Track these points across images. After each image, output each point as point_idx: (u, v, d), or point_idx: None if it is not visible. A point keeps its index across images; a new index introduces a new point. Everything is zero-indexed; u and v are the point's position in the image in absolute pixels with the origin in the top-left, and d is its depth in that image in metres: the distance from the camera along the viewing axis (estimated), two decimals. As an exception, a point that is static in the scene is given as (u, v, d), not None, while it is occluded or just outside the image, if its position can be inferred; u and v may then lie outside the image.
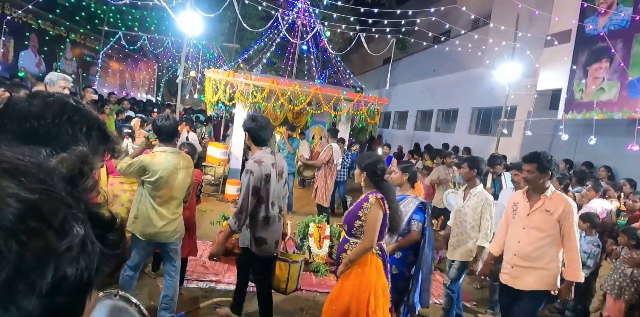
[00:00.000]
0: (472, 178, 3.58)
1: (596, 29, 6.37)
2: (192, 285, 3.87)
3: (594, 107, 6.17)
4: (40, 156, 0.39)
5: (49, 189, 0.35)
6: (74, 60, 11.78)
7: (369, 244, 2.57)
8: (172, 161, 2.82)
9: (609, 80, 6.13)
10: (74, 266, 0.34)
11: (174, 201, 2.90)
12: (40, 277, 0.32)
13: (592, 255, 4.11)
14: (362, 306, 2.53)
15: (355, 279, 2.59)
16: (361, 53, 21.79)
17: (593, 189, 4.71)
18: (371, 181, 2.71)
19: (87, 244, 0.36)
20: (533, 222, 2.85)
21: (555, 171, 2.87)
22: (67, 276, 0.34)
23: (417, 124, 15.19)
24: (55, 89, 3.86)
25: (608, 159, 6.35)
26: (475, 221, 3.49)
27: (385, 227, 2.69)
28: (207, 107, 8.12)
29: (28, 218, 0.32)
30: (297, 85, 7.74)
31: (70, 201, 0.36)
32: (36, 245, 0.32)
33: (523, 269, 2.85)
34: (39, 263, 0.32)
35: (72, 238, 0.34)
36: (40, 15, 9.86)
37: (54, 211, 0.34)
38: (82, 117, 0.88)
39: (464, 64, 11.51)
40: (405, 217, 3.09)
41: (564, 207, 2.75)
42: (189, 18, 6.21)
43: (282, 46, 11.93)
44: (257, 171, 2.72)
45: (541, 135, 7.97)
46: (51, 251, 0.33)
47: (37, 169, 0.36)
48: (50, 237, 0.33)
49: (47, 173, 0.37)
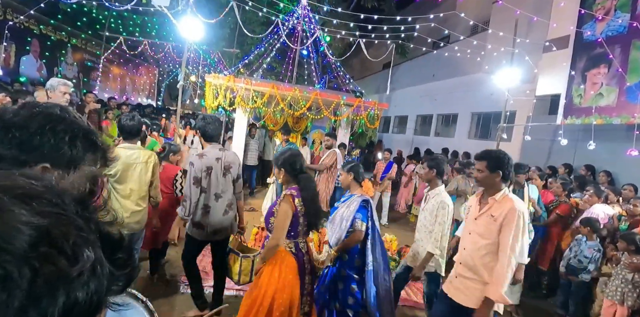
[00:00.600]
0: (433, 179, 3.40)
1: (594, 35, 6.42)
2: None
3: (592, 112, 6.20)
4: (52, 178, 0.40)
5: (60, 213, 0.36)
6: (75, 65, 11.83)
7: (274, 242, 2.53)
8: (130, 156, 3.07)
9: (607, 85, 6.16)
10: (84, 291, 0.35)
11: (134, 193, 3.10)
12: (51, 303, 0.32)
13: (593, 260, 4.11)
14: (265, 304, 2.51)
15: (264, 276, 2.59)
16: (361, 58, 21.88)
17: (595, 194, 4.70)
18: (290, 176, 2.69)
19: (97, 267, 0.36)
20: (478, 228, 2.54)
21: (508, 171, 2.51)
22: (79, 301, 0.34)
23: (417, 128, 15.22)
24: (56, 94, 3.88)
25: (607, 164, 6.36)
26: (432, 225, 3.25)
27: (297, 225, 2.63)
28: (208, 111, 8.13)
29: (40, 244, 0.33)
30: (297, 91, 7.76)
31: (81, 224, 0.37)
32: (48, 271, 0.32)
33: (466, 281, 2.55)
34: (50, 289, 0.32)
35: (83, 264, 0.35)
36: (42, 21, 9.91)
37: (65, 235, 0.35)
38: (66, 126, 0.89)
39: (463, 69, 11.57)
40: (350, 217, 3.04)
41: (507, 212, 2.39)
42: (189, 24, 6.25)
43: (282, 51, 11.99)
44: (197, 163, 3.05)
45: (540, 140, 7.99)
46: (63, 277, 0.33)
47: (49, 192, 0.37)
48: (62, 263, 0.33)
49: (59, 195, 0.37)
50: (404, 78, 15.60)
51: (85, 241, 0.36)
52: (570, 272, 4.28)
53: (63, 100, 3.93)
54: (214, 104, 7.65)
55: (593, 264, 4.11)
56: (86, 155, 0.91)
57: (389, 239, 4.97)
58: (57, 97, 3.90)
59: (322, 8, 10.66)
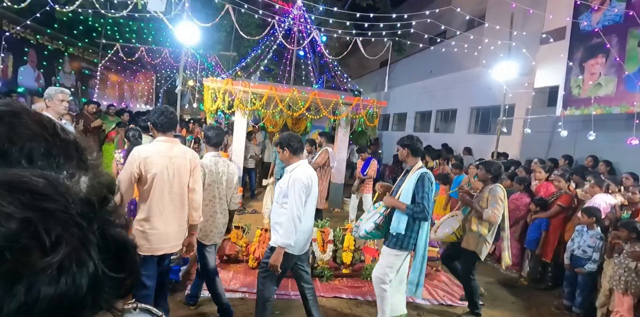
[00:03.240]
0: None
1: (590, 25, 6.41)
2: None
3: (592, 103, 6.19)
4: (59, 177, 0.39)
5: (55, 209, 0.35)
6: (73, 73, 11.85)
7: None
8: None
9: (605, 75, 6.15)
10: (54, 286, 0.33)
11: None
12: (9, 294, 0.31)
13: (596, 248, 4.11)
14: None
15: None
16: (358, 57, 21.88)
17: (596, 184, 4.70)
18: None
19: (72, 263, 0.34)
20: None
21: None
22: (47, 295, 0.32)
23: (416, 125, 15.20)
24: (54, 103, 3.89)
25: (608, 154, 6.35)
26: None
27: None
28: (207, 115, 8.15)
29: (17, 236, 0.32)
30: (295, 91, 7.77)
31: (79, 222, 0.36)
32: (17, 261, 0.31)
33: None
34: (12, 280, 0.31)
35: (53, 258, 0.33)
36: (38, 31, 9.94)
37: (50, 229, 0.33)
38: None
39: (461, 64, 11.55)
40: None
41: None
42: (186, 28, 6.26)
43: (279, 53, 12.00)
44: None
45: (540, 133, 7.98)
46: (29, 268, 0.32)
47: (48, 188, 0.36)
48: (34, 256, 0.32)
49: (60, 193, 0.36)
50: (402, 75, 15.59)
51: (76, 237, 0.35)
52: (575, 263, 4.28)
53: (61, 109, 3.94)
54: (212, 108, 7.67)
55: (596, 252, 4.11)
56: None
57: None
58: (55, 106, 3.91)
59: (318, 8, 10.66)
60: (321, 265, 4.61)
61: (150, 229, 2.73)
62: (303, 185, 2.89)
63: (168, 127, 2.85)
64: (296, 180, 2.90)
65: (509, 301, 4.57)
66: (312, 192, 3.03)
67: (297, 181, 2.89)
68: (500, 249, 5.80)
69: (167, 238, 2.80)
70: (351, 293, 4.22)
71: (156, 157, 2.73)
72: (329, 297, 4.09)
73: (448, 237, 4.08)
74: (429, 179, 3.22)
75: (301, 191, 2.88)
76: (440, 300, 4.30)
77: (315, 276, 4.52)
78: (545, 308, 4.44)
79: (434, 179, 3.33)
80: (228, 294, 3.90)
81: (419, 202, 3.13)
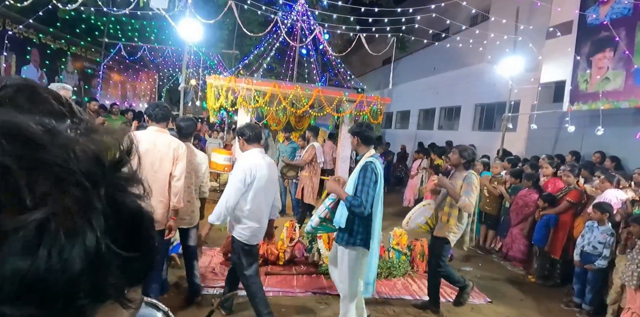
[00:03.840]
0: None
1: (598, 18, 6.31)
2: (202, 292, 3.81)
3: (599, 97, 6.09)
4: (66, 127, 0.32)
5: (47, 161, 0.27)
6: (76, 73, 11.86)
7: None
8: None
9: (613, 69, 6.06)
10: (27, 258, 0.25)
11: None
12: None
13: (607, 244, 4.04)
14: None
15: None
16: (360, 55, 21.78)
17: (607, 179, 4.63)
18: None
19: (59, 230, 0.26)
20: None
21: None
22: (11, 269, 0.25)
23: (420, 122, 15.12)
24: (56, 99, 3.86)
25: (616, 150, 6.25)
26: None
27: None
28: (210, 113, 8.11)
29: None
30: (298, 88, 7.72)
31: (80, 181, 0.28)
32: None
33: None
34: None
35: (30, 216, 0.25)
36: (41, 30, 9.93)
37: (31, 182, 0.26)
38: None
39: (465, 61, 11.46)
40: None
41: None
42: (188, 25, 6.22)
43: (281, 51, 11.94)
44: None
45: (546, 129, 7.89)
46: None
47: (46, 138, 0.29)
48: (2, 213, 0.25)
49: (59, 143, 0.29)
50: (405, 73, 15.50)
51: (73, 198, 0.27)
52: (585, 259, 4.21)
53: (64, 105, 3.91)
54: (215, 106, 7.62)
55: (607, 248, 4.04)
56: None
57: (399, 233, 4.91)
58: (57, 103, 3.89)
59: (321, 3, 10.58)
60: (327, 262, 4.55)
61: None
62: (243, 173, 2.94)
63: (161, 118, 3.05)
64: (238, 167, 3.03)
65: (517, 298, 4.51)
66: (259, 182, 2.99)
67: (239, 168, 3.01)
68: (505, 245, 5.78)
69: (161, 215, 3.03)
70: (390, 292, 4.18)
71: (143, 141, 2.85)
72: (335, 295, 4.03)
73: (421, 227, 3.94)
74: (372, 169, 2.92)
75: (240, 178, 2.94)
76: (448, 297, 4.24)
77: (322, 273, 4.47)
78: (554, 305, 4.38)
79: (380, 169, 2.99)
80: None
81: (358, 196, 2.86)
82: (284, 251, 4.61)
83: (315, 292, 4.04)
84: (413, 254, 4.89)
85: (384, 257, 4.74)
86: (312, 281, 4.35)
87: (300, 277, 4.41)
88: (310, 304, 3.78)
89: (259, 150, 3.13)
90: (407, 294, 4.24)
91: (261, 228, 3.14)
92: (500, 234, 5.99)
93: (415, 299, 4.14)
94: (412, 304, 4.00)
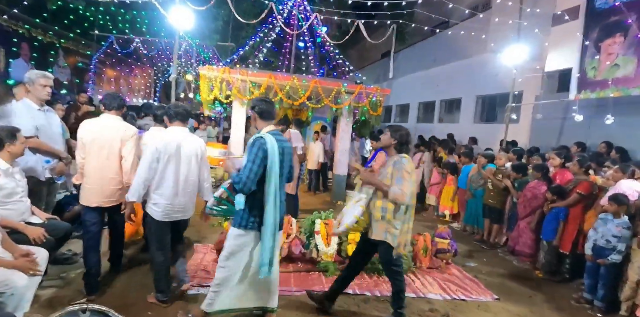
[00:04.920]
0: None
1: (607, 2, 6.04)
2: (192, 292, 3.58)
3: (609, 85, 5.85)
4: None
5: None
6: (68, 67, 11.58)
7: None
8: None
9: (624, 55, 5.80)
10: None
11: None
12: None
13: (622, 238, 3.82)
14: None
15: None
16: (358, 48, 21.49)
17: (620, 170, 4.40)
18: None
19: None
20: None
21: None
22: None
23: (420, 116, 14.89)
24: (36, 87, 3.60)
25: (623, 140, 6.03)
26: None
27: None
28: (204, 106, 7.85)
29: None
30: (295, 79, 7.47)
31: None
32: None
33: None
34: None
35: None
36: (29, 22, 9.66)
37: None
38: None
39: (466, 51, 11.21)
40: None
41: None
42: (179, 12, 5.95)
43: (278, 43, 11.66)
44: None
45: (550, 120, 7.66)
46: None
47: None
48: None
49: None
50: (404, 65, 15.23)
51: None
52: (598, 253, 3.99)
53: (44, 94, 3.65)
54: (209, 98, 7.38)
55: (623, 242, 3.83)
56: None
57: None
58: (37, 91, 3.62)
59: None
60: (325, 259, 4.34)
61: (87, 184, 3.36)
62: (153, 148, 3.04)
63: (115, 107, 3.48)
64: (150, 143, 3.15)
65: (526, 294, 4.30)
66: (172, 158, 3.07)
67: (150, 144, 3.13)
68: (512, 239, 5.57)
69: (102, 194, 3.35)
70: (358, 288, 3.95)
71: (95, 126, 3.36)
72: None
73: (354, 229, 3.27)
74: (260, 145, 2.70)
75: (149, 152, 3.03)
76: (453, 295, 4.03)
77: (320, 270, 4.25)
78: (565, 301, 4.17)
79: (274, 146, 2.72)
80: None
81: (241, 172, 2.71)
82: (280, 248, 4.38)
83: (313, 291, 3.82)
84: (415, 250, 4.68)
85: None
86: (310, 278, 4.13)
87: (297, 275, 4.19)
88: (308, 304, 3.56)
89: (181, 129, 3.22)
90: (410, 291, 4.01)
91: (174, 206, 3.15)
92: (509, 228, 5.79)
93: (418, 297, 3.93)
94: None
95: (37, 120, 3.55)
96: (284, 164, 2.87)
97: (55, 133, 3.77)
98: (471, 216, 6.51)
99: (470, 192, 6.45)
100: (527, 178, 5.53)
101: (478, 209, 6.32)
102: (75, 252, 4.06)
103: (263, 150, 2.69)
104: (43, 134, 3.60)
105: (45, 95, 3.66)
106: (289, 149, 2.98)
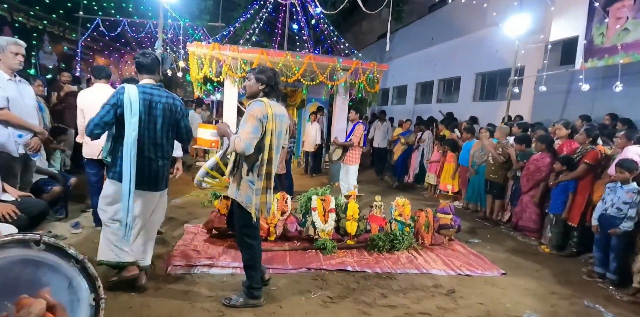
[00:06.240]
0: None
1: (616, -39, 5.71)
2: (180, 271, 3.36)
3: (618, 51, 5.55)
4: None
5: None
6: (54, 54, 11.17)
7: None
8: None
9: (634, 18, 5.48)
10: None
11: None
12: None
13: (633, 204, 3.62)
14: None
15: None
16: (354, 32, 21.01)
17: (625, 136, 4.21)
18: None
19: None
20: None
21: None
22: None
23: (417, 97, 14.56)
24: (6, 55, 3.32)
25: (630, 112, 5.78)
26: None
27: None
28: (194, 86, 7.54)
29: None
30: (288, 55, 7.16)
31: None
32: None
33: None
34: None
35: None
36: (11, 4, 9.24)
37: None
38: None
39: (464, 28, 10.85)
40: None
41: None
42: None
43: (270, 23, 11.23)
44: None
45: (553, 94, 7.39)
46: None
47: None
48: None
49: None
50: (401, 46, 14.83)
51: None
52: (608, 223, 3.79)
53: (15, 63, 3.37)
54: (199, 76, 7.07)
55: (634, 208, 3.63)
56: None
57: (401, 203, 4.48)
58: (7, 59, 3.34)
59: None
60: (323, 236, 4.13)
61: (88, 141, 3.83)
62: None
63: (104, 76, 4.15)
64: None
65: (533, 268, 4.12)
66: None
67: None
68: (515, 214, 5.38)
69: (99, 148, 3.57)
70: (357, 266, 3.75)
71: (91, 94, 4.00)
72: (333, 271, 3.63)
73: (208, 183, 3.14)
74: (115, 94, 2.71)
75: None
76: (458, 270, 3.84)
77: (317, 248, 4.05)
78: (573, 275, 3.98)
79: (131, 97, 2.66)
80: (217, 271, 3.43)
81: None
82: (274, 226, 4.17)
83: (310, 269, 3.62)
84: (417, 226, 4.47)
85: (386, 229, 4.32)
86: (307, 257, 3.92)
87: (294, 253, 3.98)
88: (305, 282, 3.37)
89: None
90: (412, 267, 3.83)
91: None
92: (512, 203, 5.59)
93: (421, 273, 3.74)
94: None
95: (7, 91, 3.30)
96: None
97: (29, 105, 3.50)
98: (474, 194, 6.32)
99: (474, 169, 6.24)
100: (531, 150, 5.31)
101: (481, 186, 6.12)
102: (55, 234, 3.83)
103: (117, 98, 2.69)
104: (15, 107, 3.34)
105: (16, 64, 3.38)
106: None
